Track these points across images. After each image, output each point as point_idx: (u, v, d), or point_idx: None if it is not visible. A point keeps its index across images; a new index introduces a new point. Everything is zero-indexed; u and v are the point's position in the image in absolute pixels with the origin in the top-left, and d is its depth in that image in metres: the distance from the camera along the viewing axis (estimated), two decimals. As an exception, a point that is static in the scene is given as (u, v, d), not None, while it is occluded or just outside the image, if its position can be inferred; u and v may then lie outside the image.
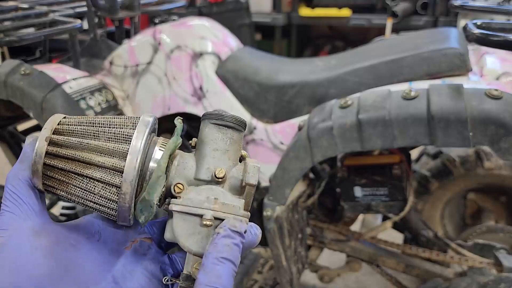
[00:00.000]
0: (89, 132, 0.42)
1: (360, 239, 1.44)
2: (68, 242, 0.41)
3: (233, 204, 0.41)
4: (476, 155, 1.56)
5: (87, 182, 0.41)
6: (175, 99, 1.42)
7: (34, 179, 0.41)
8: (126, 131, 0.42)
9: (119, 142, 0.41)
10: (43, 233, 0.40)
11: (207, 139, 0.43)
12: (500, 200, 1.67)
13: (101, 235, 0.44)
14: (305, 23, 4.23)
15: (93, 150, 0.41)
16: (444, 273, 1.38)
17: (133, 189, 0.40)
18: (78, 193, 0.41)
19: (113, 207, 0.41)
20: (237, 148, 0.44)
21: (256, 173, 0.42)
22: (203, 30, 1.48)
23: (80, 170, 0.41)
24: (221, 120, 0.43)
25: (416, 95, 1.02)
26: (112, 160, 0.41)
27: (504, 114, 0.93)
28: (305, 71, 1.34)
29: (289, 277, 1.28)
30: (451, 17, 3.51)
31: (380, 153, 1.32)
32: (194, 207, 0.40)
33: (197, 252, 0.41)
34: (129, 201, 0.40)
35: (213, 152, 0.43)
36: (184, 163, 0.44)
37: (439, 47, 1.16)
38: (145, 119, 0.43)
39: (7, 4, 1.59)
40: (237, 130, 0.44)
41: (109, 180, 0.40)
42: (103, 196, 0.41)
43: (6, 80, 1.31)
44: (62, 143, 0.41)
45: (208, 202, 0.40)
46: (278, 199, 1.18)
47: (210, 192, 0.41)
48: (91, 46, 1.60)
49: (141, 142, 0.41)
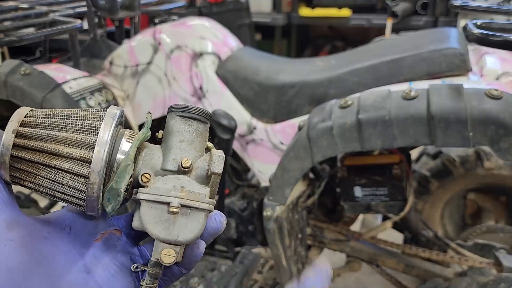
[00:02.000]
0: (57, 124, 0.42)
1: (360, 239, 1.44)
2: (40, 234, 0.42)
3: (199, 192, 0.42)
4: (476, 155, 1.56)
5: (55, 173, 0.41)
6: (175, 99, 1.42)
7: (1, 171, 0.41)
8: (93, 123, 0.42)
9: (87, 134, 0.42)
10: (15, 225, 0.40)
11: (174, 130, 0.44)
12: (500, 200, 1.67)
13: (71, 228, 0.45)
14: (305, 23, 4.23)
15: (61, 141, 0.42)
16: (444, 273, 1.38)
17: (101, 179, 0.41)
18: (46, 184, 0.42)
19: (82, 197, 0.42)
20: (202, 139, 0.46)
21: (221, 163, 0.43)
22: (203, 30, 1.48)
23: (48, 161, 0.41)
24: (187, 112, 0.44)
25: (416, 95, 1.02)
26: (80, 151, 0.41)
27: (504, 114, 0.93)
28: (305, 71, 1.34)
29: (289, 277, 1.28)
30: (451, 17, 3.51)
31: (380, 153, 1.32)
32: (161, 195, 0.42)
33: (164, 238, 0.42)
34: (97, 191, 0.41)
35: (179, 143, 0.44)
36: (151, 154, 0.45)
37: (439, 47, 1.16)
38: (111, 111, 0.43)
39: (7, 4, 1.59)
40: (203, 122, 0.45)
41: (77, 171, 0.41)
42: (72, 186, 0.41)
43: (6, 80, 1.31)
44: (29, 135, 0.42)
45: (175, 190, 0.42)
46: (278, 199, 1.18)
47: (176, 181, 0.42)
48: (91, 46, 1.60)
49: (108, 134, 0.41)
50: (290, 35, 4.35)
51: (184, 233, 0.42)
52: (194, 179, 0.44)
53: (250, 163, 1.42)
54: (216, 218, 0.46)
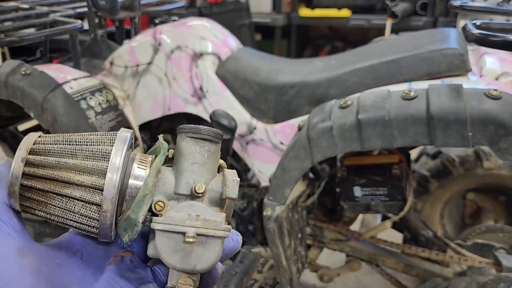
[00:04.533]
0: (66, 150, 0.42)
1: (359, 239, 1.45)
2: (53, 261, 0.41)
3: (214, 220, 0.41)
4: (476, 155, 1.56)
5: (66, 201, 0.41)
6: (175, 99, 1.42)
7: (11, 200, 0.41)
8: (103, 148, 0.41)
9: (98, 159, 0.41)
10: (28, 252, 0.40)
11: (185, 153, 0.44)
12: (500, 200, 1.67)
13: (83, 253, 0.44)
14: (305, 23, 4.23)
15: (71, 169, 0.41)
16: (444, 272, 1.38)
17: (114, 207, 0.40)
18: (58, 212, 0.41)
19: (94, 225, 0.41)
20: (215, 159, 0.45)
21: (236, 187, 0.43)
22: (203, 31, 1.48)
23: (59, 190, 0.40)
24: (198, 133, 0.44)
25: (415, 95, 1.02)
26: (91, 178, 0.40)
27: (504, 114, 0.93)
28: (305, 71, 1.34)
29: (289, 276, 1.28)
30: (450, 18, 3.51)
31: (379, 153, 1.33)
32: (176, 225, 0.41)
33: (181, 268, 0.41)
34: (110, 219, 0.40)
35: (191, 166, 0.43)
36: (163, 178, 0.44)
37: (438, 48, 1.16)
38: (122, 134, 0.42)
39: (8, 5, 1.59)
40: (214, 142, 0.44)
41: (89, 199, 0.40)
42: (84, 214, 0.41)
43: (7, 80, 1.32)
44: (39, 163, 0.41)
45: (190, 219, 0.41)
46: (278, 199, 1.18)
47: (191, 209, 0.42)
48: (92, 46, 1.60)
49: (120, 159, 0.40)
50: (290, 36, 4.36)
51: (201, 262, 0.42)
52: (208, 202, 0.44)
53: (250, 163, 1.42)
54: (233, 238, 0.45)
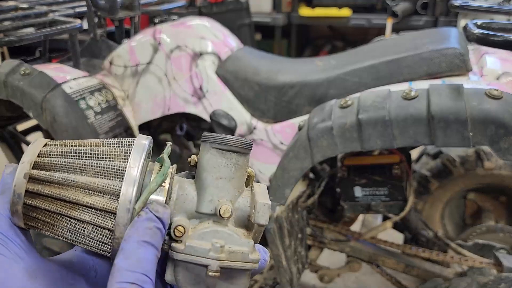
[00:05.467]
0: (75, 165, 0.37)
1: (360, 239, 1.44)
2: (66, 282, 0.38)
3: (241, 251, 0.37)
4: (476, 155, 1.56)
5: (75, 223, 0.37)
6: (175, 99, 1.42)
7: (15, 218, 0.37)
8: (116, 164, 0.37)
9: (110, 177, 0.37)
10: (38, 274, 0.36)
11: (209, 166, 0.39)
12: (500, 200, 1.67)
13: (97, 271, 0.41)
14: (305, 23, 4.23)
15: (80, 187, 0.36)
16: (444, 273, 1.38)
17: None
18: (66, 234, 0.37)
19: (106, 249, 0.37)
20: (242, 173, 0.40)
21: (267, 212, 0.38)
22: (203, 30, 1.48)
23: (66, 212, 0.36)
24: (225, 144, 0.38)
25: (416, 95, 1.02)
26: (102, 200, 0.36)
27: (504, 114, 0.93)
28: (305, 71, 1.34)
29: (289, 277, 1.28)
30: (451, 17, 3.51)
31: (380, 153, 1.32)
32: (198, 257, 0.36)
33: None
34: None
35: (216, 181, 0.39)
36: (184, 195, 0.39)
37: (439, 47, 1.16)
38: (138, 148, 0.37)
39: (7, 4, 1.59)
40: (243, 154, 0.39)
41: (100, 223, 0.36)
42: (94, 238, 0.37)
43: (6, 80, 1.31)
44: (44, 179, 0.36)
45: (214, 250, 0.36)
46: (278, 199, 1.18)
47: (215, 236, 0.37)
48: (91, 46, 1.60)
49: (135, 180, 0.36)
50: (290, 35, 4.35)
51: None
52: (234, 223, 0.39)
53: (250, 163, 1.42)
54: (261, 256, 0.40)
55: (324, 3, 4.05)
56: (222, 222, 0.38)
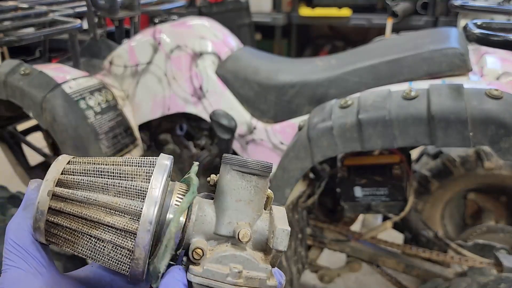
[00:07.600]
0: (97, 184, 0.38)
1: (360, 239, 1.44)
2: None
3: (259, 277, 0.37)
4: (476, 155, 1.56)
5: (95, 242, 0.37)
6: (175, 99, 1.42)
7: (37, 234, 0.38)
8: (138, 184, 0.37)
9: (131, 197, 0.38)
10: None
11: (229, 188, 0.39)
12: (500, 200, 1.67)
13: (113, 287, 0.42)
14: (305, 23, 4.23)
15: (101, 206, 0.37)
16: (444, 273, 1.38)
17: (147, 254, 0.37)
18: (86, 252, 0.38)
19: (125, 269, 0.38)
20: (262, 196, 0.40)
21: (286, 239, 0.38)
22: (203, 30, 1.48)
23: (87, 230, 0.37)
24: (246, 167, 0.39)
25: (416, 95, 1.02)
26: (123, 221, 0.37)
27: (504, 114, 0.93)
28: (305, 71, 1.34)
29: (289, 277, 1.28)
30: (451, 17, 3.51)
31: (380, 153, 1.32)
32: (215, 281, 0.37)
33: None
34: (142, 266, 0.37)
35: (236, 204, 0.39)
36: (203, 216, 0.40)
37: (439, 47, 1.16)
38: (160, 168, 0.38)
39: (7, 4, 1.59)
40: (263, 177, 0.40)
41: (120, 243, 0.37)
42: (113, 257, 0.37)
43: (6, 80, 1.31)
44: (67, 196, 0.38)
45: (232, 275, 0.37)
46: (278, 199, 1.18)
47: (233, 260, 0.37)
48: (91, 46, 1.59)
49: (156, 201, 0.36)
50: (290, 35, 4.35)
51: None
52: (252, 246, 0.39)
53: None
54: (277, 280, 0.40)
55: (324, 3, 4.05)
56: (240, 246, 0.39)
